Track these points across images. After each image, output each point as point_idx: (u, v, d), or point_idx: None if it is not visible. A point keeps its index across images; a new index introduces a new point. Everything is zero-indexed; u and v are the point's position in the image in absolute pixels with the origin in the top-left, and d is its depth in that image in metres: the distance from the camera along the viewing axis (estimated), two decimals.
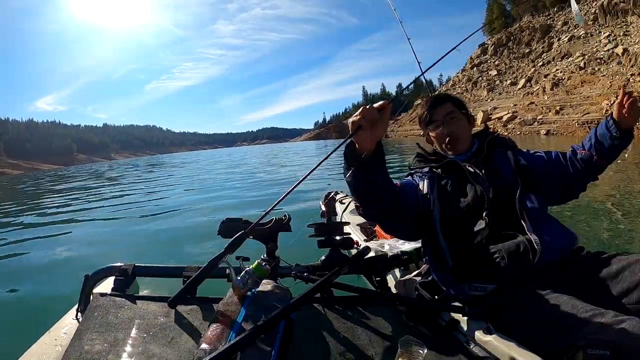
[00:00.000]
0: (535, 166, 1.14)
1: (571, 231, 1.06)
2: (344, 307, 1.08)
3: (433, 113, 1.21)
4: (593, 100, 19.83)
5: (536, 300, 0.86)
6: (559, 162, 1.14)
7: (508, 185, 1.08)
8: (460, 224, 1.07)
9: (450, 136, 1.18)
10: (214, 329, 0.86)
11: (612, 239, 3.02)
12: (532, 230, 0.99)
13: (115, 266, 1.20)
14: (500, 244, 0.99)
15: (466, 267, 1.02)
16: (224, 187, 8.70)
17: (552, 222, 1.06)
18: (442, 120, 1.19)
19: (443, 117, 1.19)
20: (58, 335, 1.01)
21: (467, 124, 1.22)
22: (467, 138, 1.20)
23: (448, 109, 1.20)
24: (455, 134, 1.18)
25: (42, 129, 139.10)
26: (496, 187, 1.07)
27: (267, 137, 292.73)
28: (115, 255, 3.34)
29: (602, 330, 0.70)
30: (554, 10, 39.21)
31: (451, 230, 1.08)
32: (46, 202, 8.82)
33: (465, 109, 1.24)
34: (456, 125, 1.18)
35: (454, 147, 1.19)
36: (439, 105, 1.21)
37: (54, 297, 2.38)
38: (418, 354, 0.79)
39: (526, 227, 0.99)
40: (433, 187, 1.14)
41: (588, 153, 1.09)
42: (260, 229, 1.22)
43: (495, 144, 1.20)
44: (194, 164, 24.02)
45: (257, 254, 1.23)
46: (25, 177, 33.86)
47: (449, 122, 1.19)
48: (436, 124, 1.21)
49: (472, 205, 1.07)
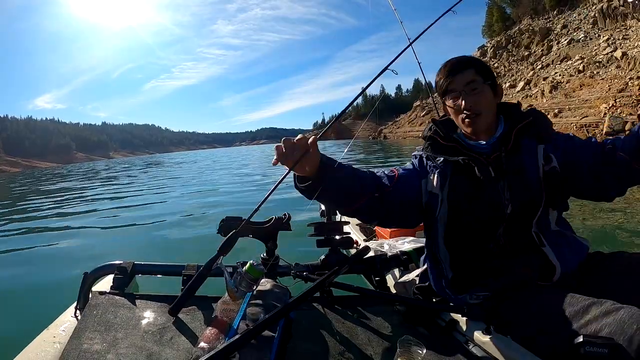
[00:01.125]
0: (576, 165, 0.94)
1: (582, 240, 1.02)
2: (343, 307, 1.08)
3: (451, 81, 1.01)
4: (592, 104, 19.88)
5: (535, 300, 0.86)
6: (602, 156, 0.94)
7: (530, 199, 0.95)
8: (468, 237, 0.99)
9: (469, 110, 0.98)
10: (212, 327, 0.86)
11: (626, 237, 3.04)
12: (547, 246, 0.94)
13: (114, 264, 1.19)
14: (513, 259, 0.94)
15: (467, 279, 0.99)
16: (224, 186, 8.69)
17: (568, 234, 1.00)
18: (461, 91, 1.00)
19: (463, 86, 0.99)
20: (56, 333, 1.01)
21: (491, 97, 1.01)
22: (490, 114, 1.01)
23: (469, 78, 0.99)
24: (475, 109, 0.98)
25: (41, 126, 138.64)
26: (516, 202, 0.94)
27: (266, 137, 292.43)
28: (114, 253, 3.33)
29: (601, 320, 0.70)
30: (554, 14, 39.33)
31: (456, 240, 1.01)
32: (46, 201, 8.78)
33: (491, 77, 1.02)
34: (478, 98, 0.98)
35: (473, 123, 0.99)
36: (460, 71, 1.00)
37: (52, 294, 2.37)
38: (417, 354, 0.79)
39: (541, 242, 0.94)
40: (444, 184, 1.00)
41: (626, 157, 0.90)
42: (260, 228, 1.22)
43: (526, 132, 0.99)
44: (192, 163, 23.97)
45: (258, 253, 1.23)
46: (21, 175, 33.71)
47: (469, 93, 0.99)
48: (454, 95, 1.01)
49: (485, 221, 0.96)
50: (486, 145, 1.01)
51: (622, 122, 16.16)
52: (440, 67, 1.05)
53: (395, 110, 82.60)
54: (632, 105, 16.84)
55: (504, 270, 0.95)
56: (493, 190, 0.96)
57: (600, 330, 0.70)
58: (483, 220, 0.96)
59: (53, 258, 3.52)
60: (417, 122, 49.49)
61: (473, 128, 1.00)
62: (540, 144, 0.98)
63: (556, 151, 0.97)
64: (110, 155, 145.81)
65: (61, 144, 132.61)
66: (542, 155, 0.97)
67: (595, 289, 0.88)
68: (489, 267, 0.96)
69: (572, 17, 35.04)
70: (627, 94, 17.74)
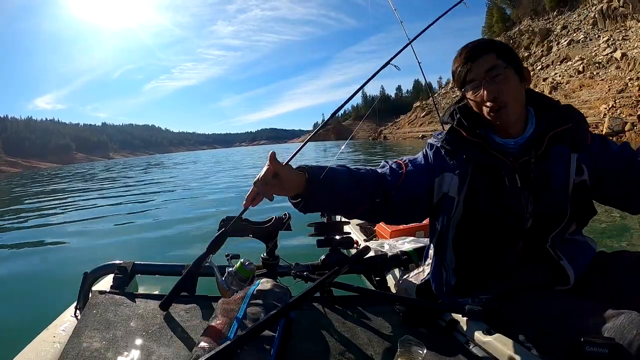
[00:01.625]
0: (607, 174, 0.87)
1: (590, 242, 0.99)
2: (343, 307, 1.08)
3: (469, 69, 0.88)
4: (591, 105, 19.90)
5: (537, 303, 0.85)
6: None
7: (553, 215, 0.88)
8: (479, 244, 0.94)
9: (493, 101, 0.86)
10: (212, 327, 0.86)
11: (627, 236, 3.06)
12: (564, 259, 0.90)
13: (114, 264, 1.19)
14: (523, 267, 0.92)
15: (471, 283, 0.96)
16: (224, 186, 8.69)
17: (579, 238, 0.97)
18: (482, 80, 0.87)
19: (484, 74, 0.86)
20: (56, 333, 1.00)
21: (517, 83, 0.88)
22: (518, 103, 0.88)
23: (490, 63, 0.86)
24: (500, 100, 0.85)
25: (41, 127, 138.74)
26: (538, 217, 0.88)
27: (266, 137, 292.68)
28: (114, 253, 3.33)
29: (601, 325, 0.70)
30: (554, 14, 39.39)
31: (465, 245, 0.95)
32: (45, 200, 8.78)
33: (516, 61, 0.89)
34: (502, 86, 0.85)
35: (500, 116, 0.87)
36: (479, 56, 0.87)
37: (52, 294, 2.37)
38: (417, 354, 0.79)
39: (558, 257, 0.91)
40: (463, 186, 0.90)
41: None
42: (260, 228, 1.22)
43: (560, 136, 0.87)
44: (191, 164, 23.97)
45: (258, 253, 1.23)
46: (18, 176, 33.72)
47: (491, 81, 0.86)
48: (474, 85, 0.88)
49: (502, 232, 0.91)
50: (514, 146, 0.90)
51: (622, 122, 16.18)
52: (456, 55, 0.92)
53: (395, 111, 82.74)
54: (632, 106, 16.86)
55: (511, 276, 0.93)
56: (515, 200, 0.87)
57: (601, 335, 0.69)
58: (500, 231, 0.90)
59: (53, 258, 3.52)
60: (417, 123, 49.54)
61: (500, 122, 0.88)
62: (574, 152, 0.87)
63: (590, 159, 0.88)
64: (110, 156, 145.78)
65: (61, 145, 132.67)
66: (574, 165, 0.87)
67: (601, 288, 0.88)
68: (495, 273, 0.94)
69: (572, 18, 35.11)
70: (627, 94, 17.77)
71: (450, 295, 1.00)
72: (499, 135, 0.92)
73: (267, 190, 0.82)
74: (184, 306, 1.06)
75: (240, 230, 1.18)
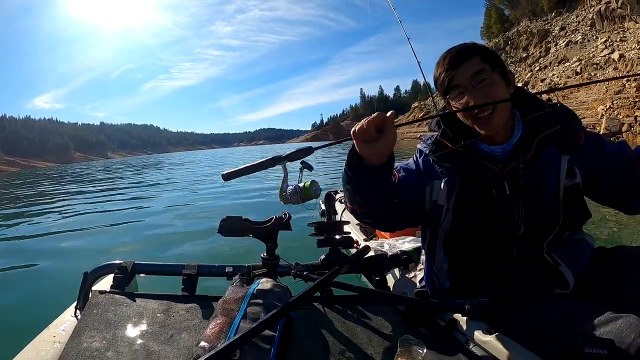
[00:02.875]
0: (601, 173, 0.86)
1: (589, 239, 0.98)
2: (343, 306, 1.08)
3: (454, 75, 0.85)
4: (589, 105, 19.95)
5: (535, 300, 0.86)
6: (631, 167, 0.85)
7: (545, 222, 0.87)
8: (471, 249, 0.94)
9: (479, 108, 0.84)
10: (213, 326, 0.86)
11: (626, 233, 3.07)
12: (563, 265, 0.89)
13: (114, 263, 1.19)
14: (519, 272, 0.91)
15: (466, 287, 0.96)
16: (224, 187, 8.67)
17: (577, 237, 0.96)
18: (467, 85, 0.84)
19: (469, 79, 0.84)
20: (56, 332, 1.00)
21: (503, 87, 0.85)
22: (506, 109, 0.86)
23: (475, 68, 0.83)
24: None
25: (40, 126, 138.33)
26: (529, 225, 0.87)
27: (265, 137, 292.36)
28: (114, 253, 3.33)
29: (599, 329, 0.70)
30: (552, 16, 39.50)
31: (456, 250, 0.95)
32: (45, 199, 8.75)
33: (500, 65, 0.86)
34: (489, 91, 0.83)
35: (488, 123, 0.84)
36: (464, 61, 0.84)
37: (52, 294, 2.37)
38: (417, 353, 0.79)
39: (555, 262, 0.90)
40: (451, 195, 0.90)
41: None
42: (260, 228, 1.22)
43: (548, 138, 0.85)
44: (191, 164, 23.93)
45: (258, 253, 1.23)
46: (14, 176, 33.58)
47: (477, 86, 0.83)
48: (458, 91, 0.86)
49: (494, 239, 0.90)
50: (501, 153, 0.88)
51: (619, 123, 16.23)
52: (439, 60, 0.89)
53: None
54: (629, 107, 16.91)
55: (508, 281, 0.92)
56: (505, 207, 0.86)
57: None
58: (492, 238, 0.90)
59: (53, 258, 3.51)
60: (415, 123, 49.52)
61: (488, 128, 0.85)
62: (565, 154, 0.85)
63: (583, 159, 0.86)
64: (108, 156, 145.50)
65: (59, 144, 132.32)
66: (565, 168, 0.84)
67: (600, 285, 0.88)
68: (490, 278, 0.94)
69: (570, 19, 35.22)
70: (624, 95, 17.80)
71: (447, 299, 1.01)
72: (486, 142, 0.90)
73: (363, 137, 0.75)
74: (184, 306, 1.06)
75: (240, 230, 1.18)
